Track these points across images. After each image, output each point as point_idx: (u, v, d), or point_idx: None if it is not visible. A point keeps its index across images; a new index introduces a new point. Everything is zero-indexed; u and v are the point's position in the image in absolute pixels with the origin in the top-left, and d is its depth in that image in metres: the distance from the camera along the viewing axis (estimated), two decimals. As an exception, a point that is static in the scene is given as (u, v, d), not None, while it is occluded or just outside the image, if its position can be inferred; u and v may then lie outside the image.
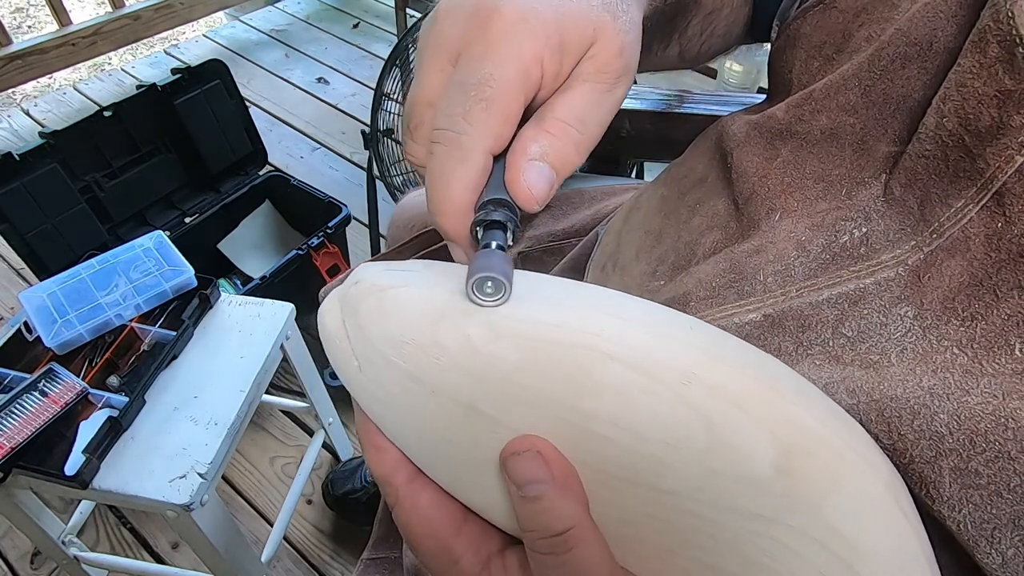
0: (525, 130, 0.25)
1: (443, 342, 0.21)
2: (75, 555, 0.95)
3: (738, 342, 0.24)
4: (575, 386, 0.20)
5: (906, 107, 0.28)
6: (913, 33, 0.28)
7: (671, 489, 0.20)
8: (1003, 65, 0.23)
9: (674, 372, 0.20)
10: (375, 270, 0.25)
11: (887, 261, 0.27)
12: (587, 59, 0.25)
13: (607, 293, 0.24)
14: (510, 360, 0.21)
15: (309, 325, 1.36)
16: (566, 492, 0.20)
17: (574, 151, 0.25)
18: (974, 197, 0.24)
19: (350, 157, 1.90)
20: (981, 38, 0.24)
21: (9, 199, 1.05)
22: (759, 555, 0.20)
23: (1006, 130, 0.23)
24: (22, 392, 0.71)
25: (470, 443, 0.22)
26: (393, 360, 0.22)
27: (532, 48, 0.24)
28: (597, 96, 0.25)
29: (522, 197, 0.24)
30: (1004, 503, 0.21)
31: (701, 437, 0.20)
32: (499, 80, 0.23)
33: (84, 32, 1.95)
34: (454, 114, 0.24)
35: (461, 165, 0.23)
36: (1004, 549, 0.21)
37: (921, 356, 0.24)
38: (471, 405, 0.21)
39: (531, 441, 0.21)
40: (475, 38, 0.24)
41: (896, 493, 0.21)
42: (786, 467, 0.20)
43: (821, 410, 0.22)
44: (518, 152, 0.24)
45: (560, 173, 0.25)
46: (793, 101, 0.33)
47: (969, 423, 0.21)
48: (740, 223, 0.33)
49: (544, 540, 0.20)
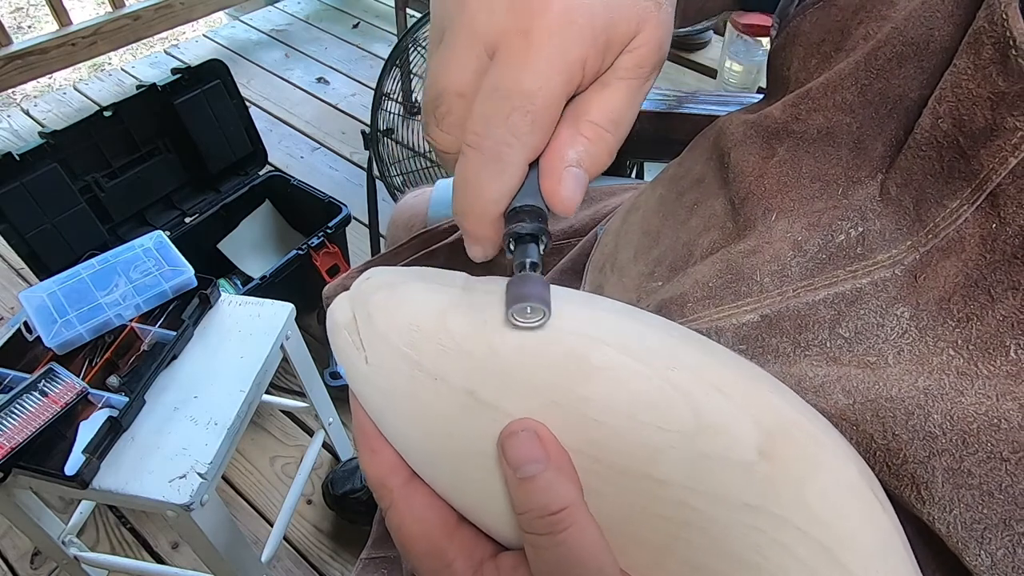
0: (560, 132, 0.24)
1: (450, 328, 0.22)
2: (75, 555, 0.95)
3: (718, 345, 0.25)
4: (572, 371, 0.21)
5: (902, 107, 0.28)
6: (910, 32, 0.28)
7: (663, 477, 0.21)
8: (997, 67, 0.23)
9: (664, 359, 0.21)
10: (384, 270, 0.26)
11: (883, 261, 0.27)
12: (627, 52, 0.24)
13: (598, 298, 0.25)
14: (511, 344, 0.22)
15: (309, 325, 1.36)
16: (561, 472, 0.20)
17: (607, 153, 0.24)
18: (969, 198, 0.24)
19: (350, 157, 1.91)
20: (976, 39, 0.24)
21: (9, 199, 1.05)
22: (748, 552, 0.21)
23: (1000, 131, 0.23)
24: (22, 392, 0.71)
25: (469, 434, 0.22)
26: (400, 348, 0.23)
27: (578, 51, 0.22)
28: (632, 94, 0.25)
29: (561, 207, 0.23)
30: (995, 503, 0.21)
31: (689, 420, 0.21)
32: (545, 94, 0.22)
33: (84, 32, 1.95)
34: (496, 124, 0.22)
35: (499, 177, 0.23)
36: (994, 550, 0.21)
37: (918, 358, 0.24)
38: (471, 392, 0.22)
39: (528, 423, 0.21)
40: (517, 36, 0.22)
41: (871, 483, 0.22)
42: (769, 450, 0.20)
43: (797, 402, 0.23)
44: (556, 159, 0.23)
45: (592, 176, 0.24)
46: (790, 100, 0.33)
47: (962, 423, 0.21)
48: (736, 223, 0.33)
49: (540, 519, 0.20)
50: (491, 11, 0.23)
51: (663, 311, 0.33)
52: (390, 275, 0.25)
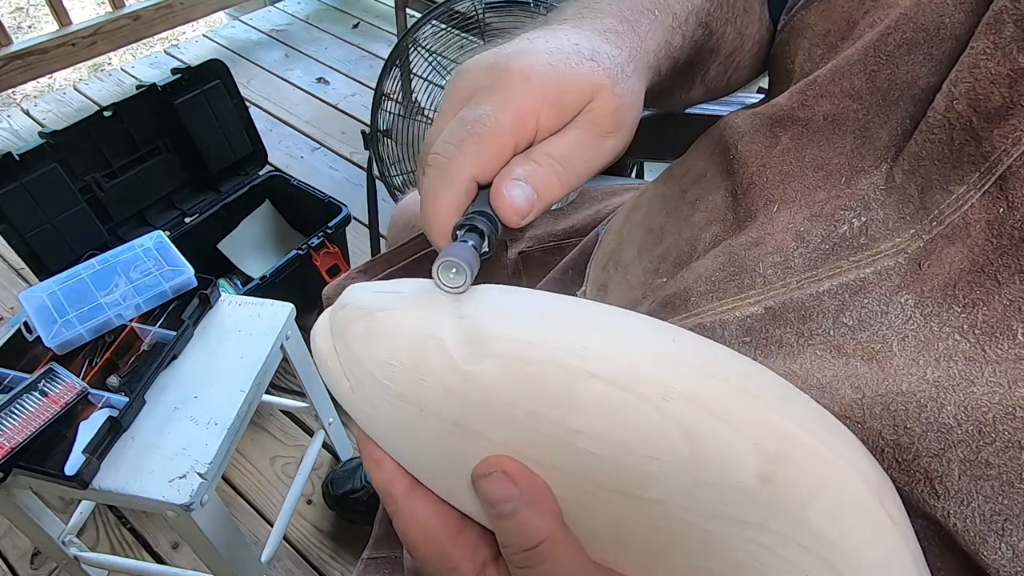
0: (513, 160, 0.27)
1: (428, 363, 0.22)
2: (75, 555, 0.95)
3: (724, 350, 0.24)
4: (558, 404, 0.21)
5: (910, 94, 0.28)
6: (920, 19, 0.28)
7: (657, 498, 0.21)
8: (1018, 44, 0.24)
9: (656, 387, 0.21)
10: (363, 292, 0.25)
11: (887, 250, 0.27)
12: (584, 112, 0.28)
13: (592, 307, 0.25)
14: (493, 379, 0.21)
15: (309, 325, 1.36)
16: (535, 507, 0.21)
17: (556, 181, 0.27)
18: (976, 183, 0.24)
19: (350, 157, 1.90)
20: (997, 19, 0.25)
21: (9, 199, 1.05)
22: (747, 559, 0.21)
23: (1016, 109, 0.23)
24: (22, 392, 0.71)
25: (461, 457, 0.22)
26: (382, 381, 0.23)
27: (530, 102, 0.27)
28: (585, 141, 0.28)
29: (503, 208, 0.26)
30: (1016, 493, 0.20)
31: (683, 450, 0.20)
32: (494, 120, 0.26)
33: (84, 32, 1.95)
34: (449, 142, 0.26)
35: (446, 187, 0.26)
36: (1015, 542, 0.20)
37: (923, 344, 0.24)
38: (457, 423, 0.22)
39: (497, 462, 0.22)
40: (484, 87, 0.28)
41: (883, 497, 0.21)
42: (769, 475, 0.20)
43: (806, 418, 0.22)
44: (504, 173, 0.26)
45: (541, 197, 0.27)
46: (797, 88, 0.33)
47: (977, 413, 0.21)
48: (737, 214, 0.33)
49: (519, 554, 0.21)
50: (468, 78, 0.29)
51: (668, 307, 0.33)
52: (368, 299, 0.25)
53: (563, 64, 0.28)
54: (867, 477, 0.21)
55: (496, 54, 0.29)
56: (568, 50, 0.29)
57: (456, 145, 0.26)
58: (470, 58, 0.30)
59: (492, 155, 0.26)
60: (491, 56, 0.29)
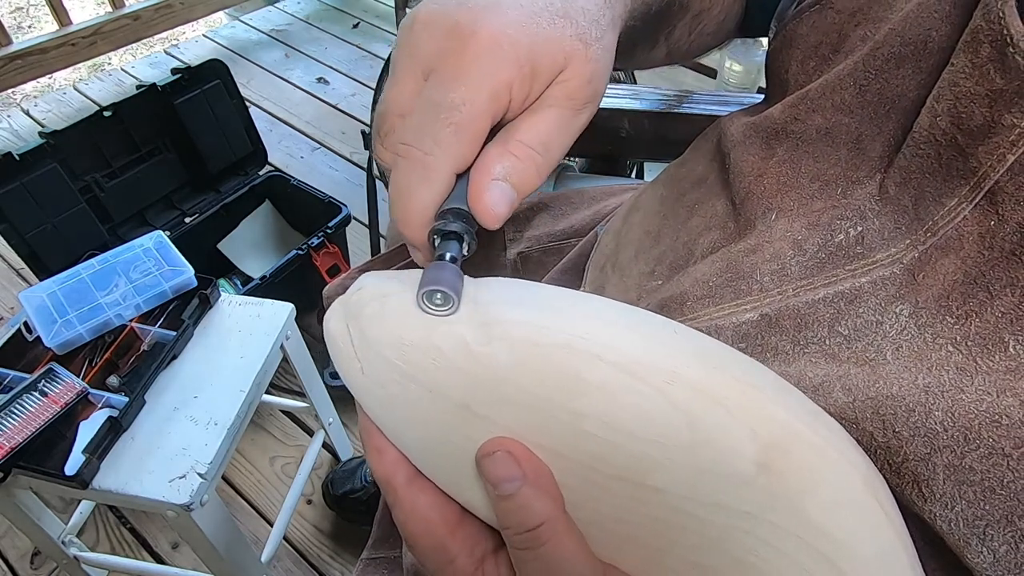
0: (490, 149, 0.25)
1: (439, 345, 0.22)
2: (75, 555, 0.95)
3: (722, 346, 0.24)
4: (565, 387, 0.21)
5: (900, 107, 0.29)
6: (907, 33, 0.28)
7: (659, 486, 0.21)
8: (994, 65, 0.24)
9: (658, 372, 0.21)
10: (377, 278, 0.26)
11: (882, 260, 0.27)
12: (557, 83, 0.26)
13: (596, 299, 0.25)
14: (502, 361, 0.22)
15: (309, 325, 1.36)
16: (538, 489, 0.21)
17: (535, 173, 0.26)
18: (967, 196, 0.24)
19: (350, 157, 1.90)
20: (973, 38, 0.25)
21: (9, 199, 1.05)
22: (745, 553, 0.21)
23: (998, 129, 0.23)
24: (22, 392, 0.71)
25: (465, 442, 0.22)
26: (393, 362, 0.23)
27: (504, 74, 0.24)
28: (563, 121, 0.26)
29: (484, 215, 0.25)
30: (997, 499, 0.21)
31: (685, 434, 0.21)
32: (469, 105, 0.24)
33: (84, 32, 1.95)
34: (423, 133, 0.24)
35: (425, 184, 0.25)
36: (996, 546, 0.21)
37: (916, 354, 0.24)
38: (466, 405, 0.22)
39: (502, 443, 0.22)
40: (450, 58, 0.25)
41: (875, 490, 0.22)
42: (767, 463, 0.21)
43: (801, 411, 0.22)
44: (482, 171, 0.25)
45: (520, 193, 0.25)
46: (789, 101, 0.33)
47: (963, 420, 0.21)
48: (737, 223, 0.33)
49: (519, 535, 0.21)
50: (431, 36, 0.26)
51: (663, 310, 0.33)
52: (383, 284, 0.25)
53: (534, 24, 0.25)
54: (860, 469, 0.22)
55: (459, 6, 0.26)
56: (541, 3, 0.26)
57: (432, 138, 0.24)
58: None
59: (471, 144, 0.25)
60: (454, 10, 0.26)
